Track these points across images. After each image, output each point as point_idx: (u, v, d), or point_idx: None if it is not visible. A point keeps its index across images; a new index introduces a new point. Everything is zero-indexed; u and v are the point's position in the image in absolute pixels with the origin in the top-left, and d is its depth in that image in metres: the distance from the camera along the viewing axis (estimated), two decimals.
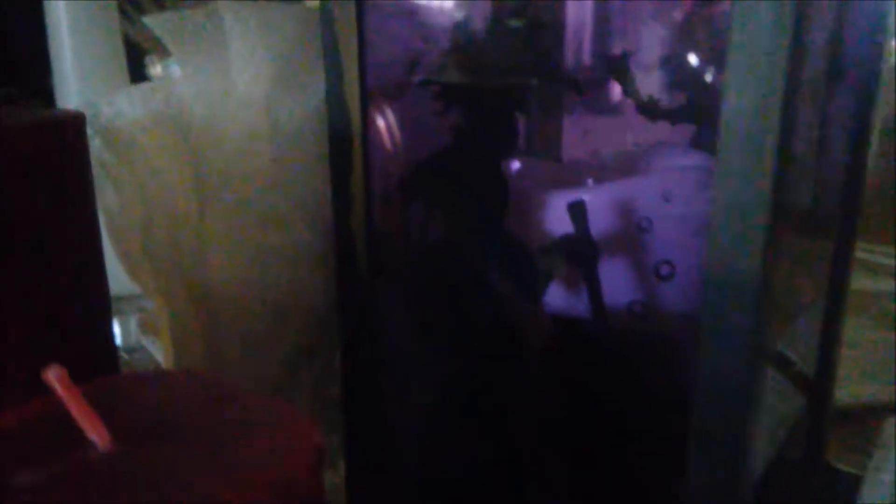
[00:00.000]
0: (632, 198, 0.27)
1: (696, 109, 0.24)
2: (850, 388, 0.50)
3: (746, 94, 0.22)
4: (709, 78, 0.24)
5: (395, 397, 0.32)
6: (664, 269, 0.26)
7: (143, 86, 0.31)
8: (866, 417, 0.47)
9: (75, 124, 0.22)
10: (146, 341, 0.34)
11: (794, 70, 0.22)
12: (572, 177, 0.29)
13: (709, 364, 0.24)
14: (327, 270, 0.33)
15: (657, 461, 0.27)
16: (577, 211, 0.27)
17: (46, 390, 0.16)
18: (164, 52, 0.37)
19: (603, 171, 0.29)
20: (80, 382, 0.16)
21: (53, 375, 0.15)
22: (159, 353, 0.35)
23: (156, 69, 0.48)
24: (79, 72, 0.34)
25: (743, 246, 0.23)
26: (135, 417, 0.17)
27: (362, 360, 0.32)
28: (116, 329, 0.39)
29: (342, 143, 0.31)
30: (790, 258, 0.32)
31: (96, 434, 0.16)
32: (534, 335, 0.29)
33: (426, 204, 0.31)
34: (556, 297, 0.29)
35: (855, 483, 0.40)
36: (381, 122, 0.31)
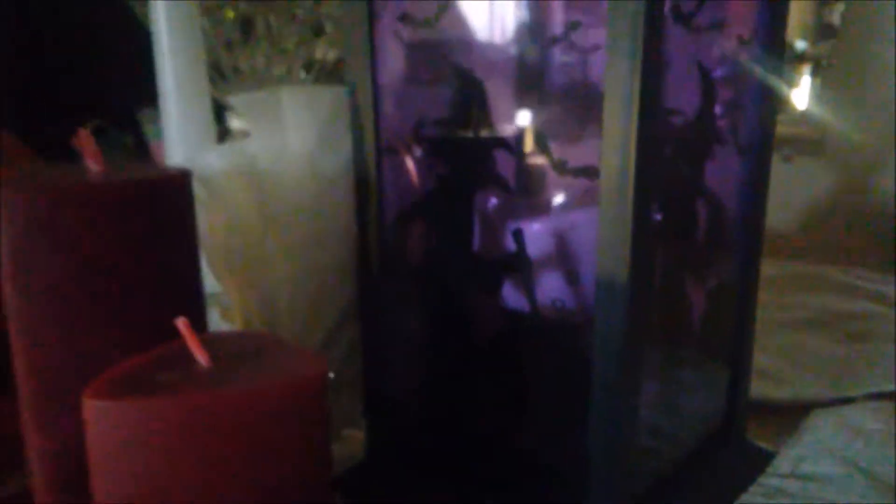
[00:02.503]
0: (554, 227, 0.38)
1: (591, 169, 0.36)
2: (796, 388, 0.60)
3: (613, 160, 0.34)
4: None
5: (399, 364, 0.44)
6: (573, 277, 0.37)
7: (226, 146, 0.44)
8: (801, 412, 0.56)
9: (185, 177, 0.36)
10: (225, 326, 0.47)
11: (649, 141, 0.33)
12: (525, 211, 0.41)
13: (600, 341, 0.36)
14: (353, 274, 0.45)
15: (571, 408, 0.38)
16: (518, 236, 0.39)
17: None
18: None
19: (546, 208, 0.41)
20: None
21: (180, 321, 0.28)
22: None
23: (234, 123, 0.62)
24: (182, 127, 0.48)
25: (617, 260, 0.34)
26: (223, 350, 0.30)
27: (376, 339, 0.45)
28: None
29: (363, 185, 0.44)
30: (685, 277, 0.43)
31: (201, 356, 0.29)
32: (492, 320, 0.41)
33: (420, 228, 0.44)
34: (508, 295, 0.40)
35: (770, 457, 0.50)
36: (391, 170, 0.44)
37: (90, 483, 0.27)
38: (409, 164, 0.44)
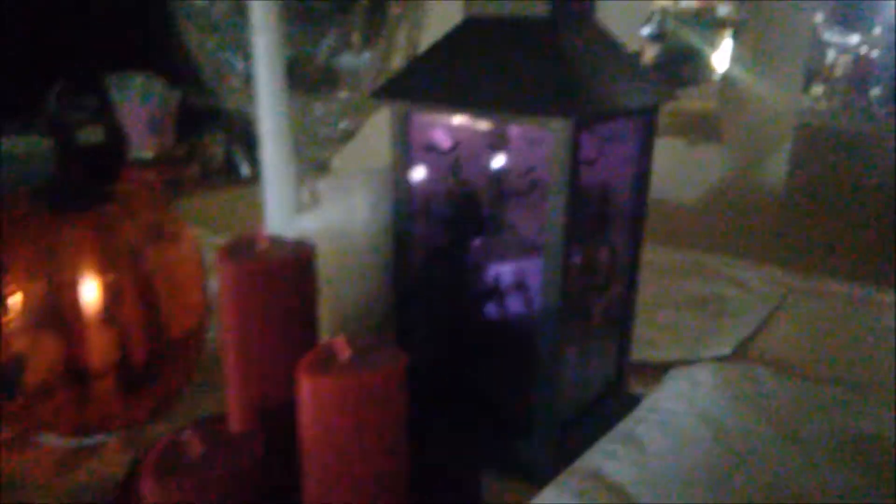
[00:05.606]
0: (517, 268, 0.67)
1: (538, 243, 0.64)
2: (666, 353, 0.91)
3: (551, 235, 0.62)
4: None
5: (422, 346, 0.73)
6: (527, 294, 0.66)
7: (313, 212, 0.71)
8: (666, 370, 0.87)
9: (313, 248, 0.63)
10: None
11: (571, 225, 0.62)
12: (499, 257, 0.70)
13: (542, 333, 0.65)
14: (391, 293, 0.73)
15: (526, 370, 0.67)
16: (496, 278, 0.67)
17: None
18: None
19: (515, 251, 0.70)
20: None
21: (337, 340, 0.56)
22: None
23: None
24: (278, 199, 0.74)
25: (552, 290, 0.63)
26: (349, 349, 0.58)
27: (407, 332, 0.73)
28: None
29: (401, 235, 0.72)
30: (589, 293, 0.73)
31: (343, 353, 0.57)
32: (482, 322, 0.70)
33: (437, 264, 0.72)
34: (490, 306, 0.69)
35: (641, 400, 0.80)
36: (419, 226, 0.72)
37: (298, 431, 0.55)
38: (431, 222, 0.72)
